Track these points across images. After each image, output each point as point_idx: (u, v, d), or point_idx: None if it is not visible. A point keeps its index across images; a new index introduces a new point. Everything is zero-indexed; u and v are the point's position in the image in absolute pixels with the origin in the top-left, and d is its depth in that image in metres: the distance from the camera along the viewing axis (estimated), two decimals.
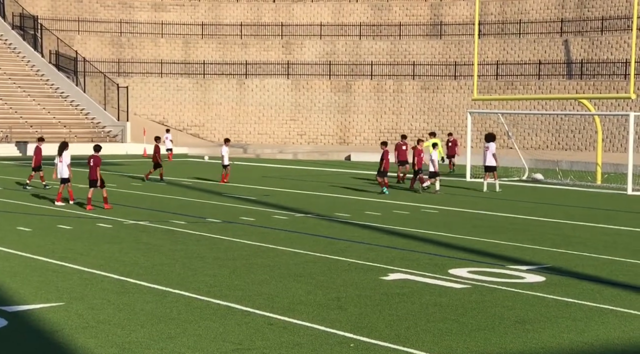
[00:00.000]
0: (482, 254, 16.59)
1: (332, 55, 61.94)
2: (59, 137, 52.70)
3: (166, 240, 17.94)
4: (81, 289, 13.02)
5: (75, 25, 62.82)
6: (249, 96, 61.09)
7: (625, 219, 22.55)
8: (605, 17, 56.38)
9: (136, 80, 61.09)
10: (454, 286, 13.40)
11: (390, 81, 59.58)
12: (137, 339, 10.20)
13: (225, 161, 32.70)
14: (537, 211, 23.99)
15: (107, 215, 22.05)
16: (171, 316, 11.35)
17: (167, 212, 22.82)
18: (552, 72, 56.11)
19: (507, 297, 12.63)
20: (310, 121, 59.92)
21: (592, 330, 10.85)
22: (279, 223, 20.84)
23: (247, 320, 11.16)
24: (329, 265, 15.16)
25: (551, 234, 19.36)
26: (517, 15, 59.45)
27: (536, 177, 35.07)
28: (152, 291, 12.87)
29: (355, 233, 19.24)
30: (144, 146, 51.63)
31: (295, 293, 12.83)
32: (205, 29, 64.16)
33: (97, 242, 17.62)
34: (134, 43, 63.17)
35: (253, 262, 15.40)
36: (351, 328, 10.81)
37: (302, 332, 10.60)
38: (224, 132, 60.09)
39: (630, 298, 12.74)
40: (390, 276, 14.12)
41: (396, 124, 58.36)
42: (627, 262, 15.83)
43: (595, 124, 38.37)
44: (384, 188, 28.29)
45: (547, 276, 14.26)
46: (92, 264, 15.03)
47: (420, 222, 21.36)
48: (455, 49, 59.97)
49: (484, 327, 10.93)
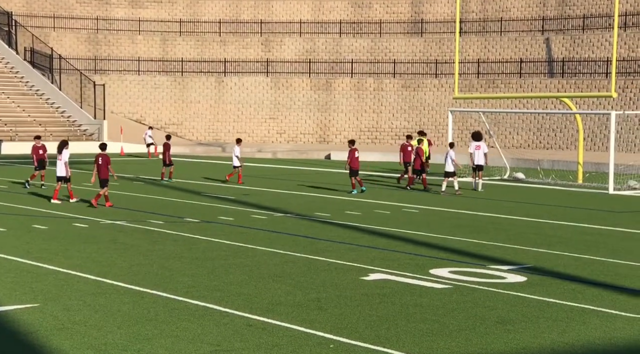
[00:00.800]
0: (463, 254, 16.64)
1: (312, 53, 61.94)
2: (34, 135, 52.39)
3: (143, 240, 17.88)
4: (56, 290, 12.95)
5: (50, 22, 62.48)
6: (228, 94, 60.99)
7: (606, 219, 22.68)
8: (586, 15, 56.69)
9: (113, 78, 60.85)
10: (434, 286, 13.43)
11: (371, 79, 59.65)
12: (113, 341, 10.15)
13: (236, 161, 32.04)
14: (519, 211, 24.09)
15: (84, 215, 21.94)
16: (148, 317, 11.31)
17: (144, 212, 22.75)
18: (534, 70, 56.35)
19: (488, 297, 12.68)
20: (290, 120, 59.89)
21: (573, 330, 10.90)
22: (258, 223, 20.82)
23: (226, 321, 11.14)
24: (308, 265, 15.16)
25: (532, 234, 19.44)
26: (499, 13, 59.68)
27: (517, 176, 35.21)
28: (129, 292, 12.82)
29: (335, 233, 19.24)
30: (121, 145, 51.42)
31: (274, 293, 12.82)
32: (184, 26, 63.99)
33: (73, 242, 17.53)
34: (110, 40, 62.91)
35: (232, 262, 15.38)
36: (331, 328, 10.81)
37: (282, 333, 10.59)
38: (202, 130, 59.96)
39: (612, 298, 12.82)
40: (370, 276, 14.14)
41: (377, 122, 58.44)
42: (609, 262, 15.92)
43: (576, 122, 38.59)
44: (354, 190, 28.22)
45: (528, 276, 14.32)
46: (67, 265, 14.95)
47: (401, 221, 21.39)
48: (436, 47, 60.12)
49: (464, 327, 10.96)
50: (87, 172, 36.51)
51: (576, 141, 46.66)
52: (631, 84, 51.81)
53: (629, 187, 31.14)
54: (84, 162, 42.95)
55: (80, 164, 41.32)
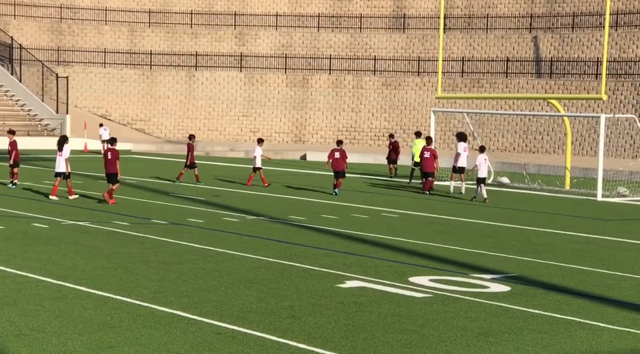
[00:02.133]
0: (445, 261, 16.70)
1: (288, 48, 61.95)
2: None
3: (107, 242, 17.81)
4: (14, 294, 12.87)
5: (10, 9, 62.09)
6: (199, 89, 60.88)
7: (594, 227, 22.84)
8: (576, 13, 57.10)
9: (77, 70, 60.56)
10: (414, 295, 13.47)
11: (350, 76, 59.74)
12: (74, 349, 10.11)
13: (257, 162, 31.73)
14: (503, 217, 24.21)
15: (44, 215, 21.83)
16: (112, 323, 11.27)
17: (108, 213, 22.66)
18: (521, 70, 56.69)
19: (470, 307, 12.73)
20: (264, 118, 59.88)
21: (558, 343, 10.97)
22: (229, 226, 20.80)
23: (194, 329, 11.12)
24: (282, 271, 15.16)
25: (517, 241, 19.55)
26: (485, 10, 59.98)
27: (502, 181, 35.39)
28: (91, 297, 12.77)
29: (310, 237, 19.26)
30: (85, 141, 51.21)
31: (245, 300, 12.82)
32: (153, 16, 63.80)
33: (32, 243, 17.44)
34: (75, 30, 62.61)
35: (201, 267, 15.35)
36: (305, 338, 10.82)
37: (252, 342, 10.59)
38: (171, 127, 59.82)
39: (599, 309, 12.91)
40: (347, 284, 14.16)
41: (355, 122, 58.54)
42: (596, 272, 16.04)
43: (564, 125, 38.83)
44: (335, 189, 28.67)
45: (512, 286, 14.40)
46: (26, 267, 14.87)
47: (379, 226, 21.44)
48: (419, 44, 60.32)
49: (445, 339, 11.00)
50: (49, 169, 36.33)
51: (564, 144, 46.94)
52: (622, 86, 52.22)
53: (618, 194, 31.38)
54: (45, 159, 42.72)
55: (41, 161, 41.11)
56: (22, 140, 50.89)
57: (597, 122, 41.43)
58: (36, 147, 50.53)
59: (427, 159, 30.57)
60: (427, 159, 30.59)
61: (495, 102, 53.76)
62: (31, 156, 44.10)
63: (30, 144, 50.64)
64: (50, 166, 37.64)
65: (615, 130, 47.24)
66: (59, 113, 54.28)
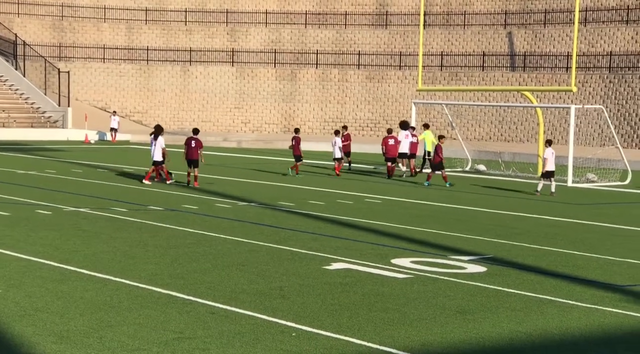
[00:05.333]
0: (425, 244, 16.72)
1: (278, 44, 61.78)
2: None
3: (107, 227, 17.77)
4: (19, 276, 12.83)
5: (14, 8, 61.69)
6: (193, 83, 60.68)
7: (565, 211, 22.90)
8: (548, 10, 57.09)
9: (78, 65, 60.25)
10: (396, 276, 13.48)
11: (336, 70, 59.64)
12: (75, 328, 10.08)
13: (337, 153, 31.56)
14: (480, 202, 24.24)
15: (48, 202, 21.74)
16: (111, 304, 11.25)
17: (108, 199, 22.59)
18: (496, 63, 56.68)
19: (449, 287, 12.75)
20: (255, 110, 59.74)
21: (531, 320, 11.01)
22: (221, 212, 20.77)
23: (189, 309, 11.10)
24: (271, 254, 15.15)
25: (493, 225, 19.58)
26: (462, 7, 59.91)
27: (479, 168, 35.44)
28: (92, 279, 12.74)
29: (298, 222, 19.25)
30: (86, 132, 50.99)
31: (237, 281, 12.81)
32: (149, 14, 63.49)
33: (35, 228, 17.37)
34: (75, 27, 62.27)
35: (195, 250, 15.33)
36: (293, 317, 10.82)
37: (244, 321, 10.58)
38: (167, 119, 59.62)
39: (569, 288, 12.95)
40: (333, 266, 14.16)
41: (341, 113, 58.46)
42: (567, 253, 16.09)
43: (537, 116, 38.87)
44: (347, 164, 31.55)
45: (488, 267, 14.43)
46: (30, 251, 14.82)
47: (363, 212, 21.44)
48: (401, 39, 60.24)
49: (425, 317, 11.02)
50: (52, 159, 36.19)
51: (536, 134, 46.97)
52: (590, 79, 52.30)
53: (587, 180, 31.46)
54: (48, 149, 42.58)
55: (43, 151, 40.96)
56: (26, 132, 50.81)
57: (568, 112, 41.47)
58: (39, 138, 50.33)
59: (393, 146, 31.53)
60: (392, 145, 31.53)
61: (472, 94, 53.76)
62: (35, 147, 43.92)
63: (34, 136, 50.45)
64: (54, 156, 37.55)
65: (584, 120, 47.31)
66: (60, 106, 54.01)
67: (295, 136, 31.61)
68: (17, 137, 49.69)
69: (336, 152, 31.86)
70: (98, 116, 56.52)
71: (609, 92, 51.42)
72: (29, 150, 41.65)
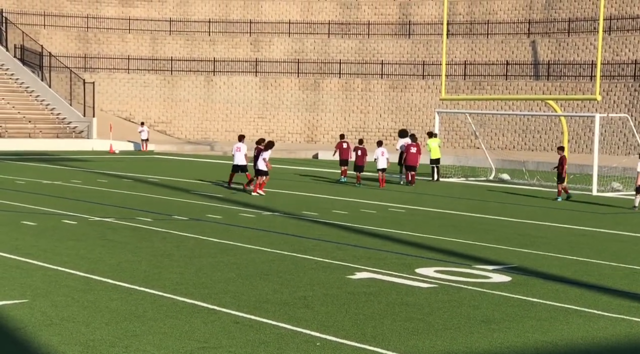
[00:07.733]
0: (449, 253, 16.66)
1: (301, 53, 61.90)
2: (23, 132, 52.26)
3: (132, 237, 17.83)
4: (45, 286, 12.90)
5: (40, 20, 62.24)
6: (217, 93, 60.90)
7: (589, 220, 22.76)
8: (572, 19, 56.86)
9: (103, 76, 60.66)
10: (420, 285, 13.44)
11: (359, 80, 59.66)
12: (101, 337, 10.12)
13: (380, 164, 31.03)
14: (504, 211, 24.14)
15: (74, 212, 21.86)
16: (136, 314, 11.28)
17: (132, 209, 22.68)
18: (520, 72, 56.48)
19: (474, 296, 12.69)
20: (278, 119, 59.85)
21: (556, 330, 10.93)
22: (245, 221, 20.79)
23: (213, 318, 11.11)
24: (295, 263, 15.15)
25: (517, 234, 19.49)
26: (485, 16, 59.79)
27: (503, 177, 35.30)
28: (117, 289, 12.78)
29: (322, 232, 19.24)
30: (110, 142, 51.30)
31: (261, 291, 12.81)
32: (173, 25, 63.84)
33: (61, 239, 17.47)
34: (100, 38, 62.71)
35: (219, 260, 15.35)
36: (317, 326, 10.81)
37: (268, 330, 10.58)
38: (191, 129, 59.87)
39: (594, 298, 12.86)
40: (357, 275, 14.13)
41: (364, 122, 58.46)
42: (591, 262, 15.98)
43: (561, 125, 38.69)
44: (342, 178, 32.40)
45: (513, 276, 14.35)
46: (56, 261, 14.90)
47: (387, 221, 21.41)
48: (424, 49, 60.18)
49: (450, 326, 10.97)
50: (77, 169, 36.39)
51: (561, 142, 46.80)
52: (615, 88, 52.00)
53: (612, 188, 31.25)
54: (73, 159, 42.85)
55: (68, 162, 41.22)
56: (52, 142, 51.19)
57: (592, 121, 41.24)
58: (65, 148, 50.68)
59: (413, 154, 31.47)
60: (413, 154, 31.48)
61: (495, 103, 53.60)
62: (60, 157, 44.22)
63: (59, 146, 50.82)
64: (79, 166, 37.78)
65: (609, 129, 47.04)
66: (85, 116, 54.39)
67: (361, 147, 31.93)
68: (43, 148, 50.08)
69: (381, 163, 31.11)
70: (122, 126, 56.85)
71: (634, 101, 51.09)
72: (55, 160, 41.93)
